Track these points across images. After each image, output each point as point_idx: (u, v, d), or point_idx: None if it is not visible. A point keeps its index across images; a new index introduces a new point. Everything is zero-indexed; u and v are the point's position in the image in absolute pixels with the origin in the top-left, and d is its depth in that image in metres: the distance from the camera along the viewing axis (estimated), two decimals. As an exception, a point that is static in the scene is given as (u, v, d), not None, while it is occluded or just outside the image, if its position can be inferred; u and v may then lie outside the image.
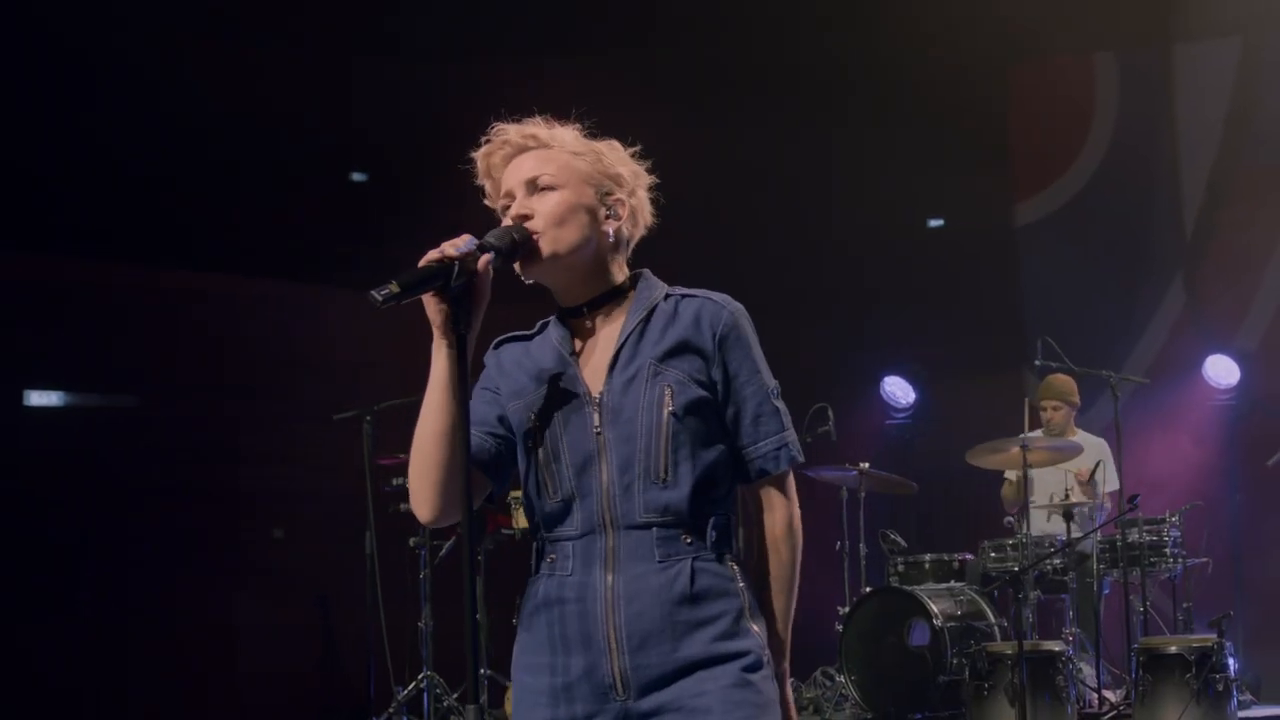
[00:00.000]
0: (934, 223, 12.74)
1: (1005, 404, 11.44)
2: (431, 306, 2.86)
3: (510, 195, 3.05)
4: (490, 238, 2.90)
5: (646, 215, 3.14)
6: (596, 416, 2.94)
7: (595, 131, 3.15)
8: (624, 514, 2.91)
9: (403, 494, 8.85)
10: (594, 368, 3.00)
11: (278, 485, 10.03)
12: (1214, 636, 7.56)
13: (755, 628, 2.95)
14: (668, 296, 3.05)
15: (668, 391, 2.93)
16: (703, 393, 2.97)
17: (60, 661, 9.13)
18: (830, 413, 9.54)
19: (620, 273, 3.09)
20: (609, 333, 3.03)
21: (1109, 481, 9.24)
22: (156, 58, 9.36)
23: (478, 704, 2.70)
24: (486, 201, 3.13)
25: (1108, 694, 8.52)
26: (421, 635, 8.78)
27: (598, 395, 2.96)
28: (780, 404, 3.05)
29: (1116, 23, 11.34)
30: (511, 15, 10.08)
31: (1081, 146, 11.86)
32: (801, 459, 3.07)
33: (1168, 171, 11.61)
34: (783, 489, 3.06)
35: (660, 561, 2.90)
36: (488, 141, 3.09)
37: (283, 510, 10.15)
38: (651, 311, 3.02)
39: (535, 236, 2.98)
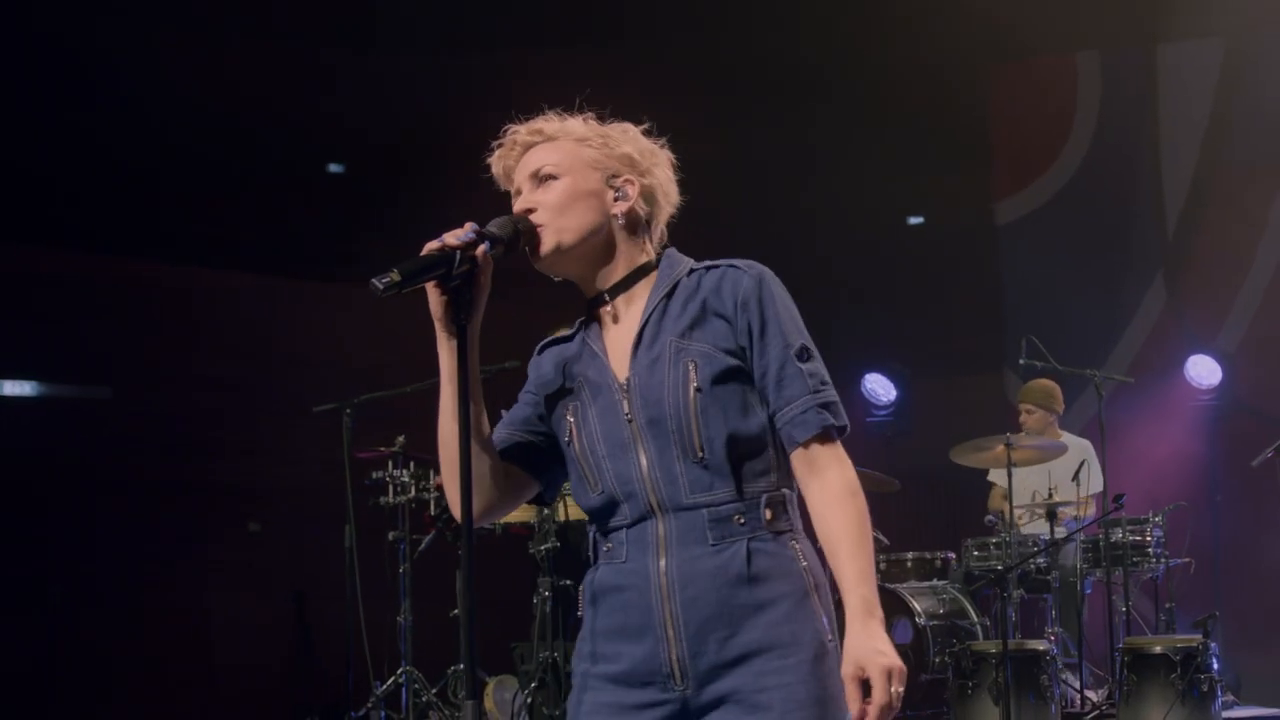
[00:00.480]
0: (914, 220, 12.73)
1: (986, 402, 11.47)
2: (433, 297, 2.82)
3: (520, 192, 3.02)
4: (491, 226, 2.86)
5: (669, 193, 3.08)
6: (626, 403, 2.90)
7: (606, 118, 3.10)
8: (670, 496, 2.85)
9: (382, 487, 8.82)
10: (619, 353, 2.95)
11: (253, 478, 9.97)
12: (1199, 637, 7.54)
13: (820, 610, 2.86)
14: (691, 271, 2.99)
15: (692, 366, 2.86)
16: (732, 360, 2.88)
17: (31, 656, 9.06)
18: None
19: (643, 254, 3.03)
20: (633, 315, 2.98)
21: (1093, 483, 9.21)
22: (137, 49, 9.28)
23: (477, 700, 2.65)
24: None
25: (1090, 694, 8.50)
26: (400, 630, 8.72)
27: (624, 381, 2.91)
28: (806, 364, 2.88)
29: (1099, 22, 11.35)
30: (494, 9, 10.01)
31: (1063, 145, 11.86)
32: (839, 422, 2.89)
33: (1149, 171, 11.62)
34: (826, 453, 2.87)
35: (714, 544, 2.83)
36: (498, 145, 3.06)
37: (259, 503, 10.08)
38: (674, 288, 2.96)
39: (539, 228, 2.93)
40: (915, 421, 11.76)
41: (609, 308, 3.00)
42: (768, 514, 2.85)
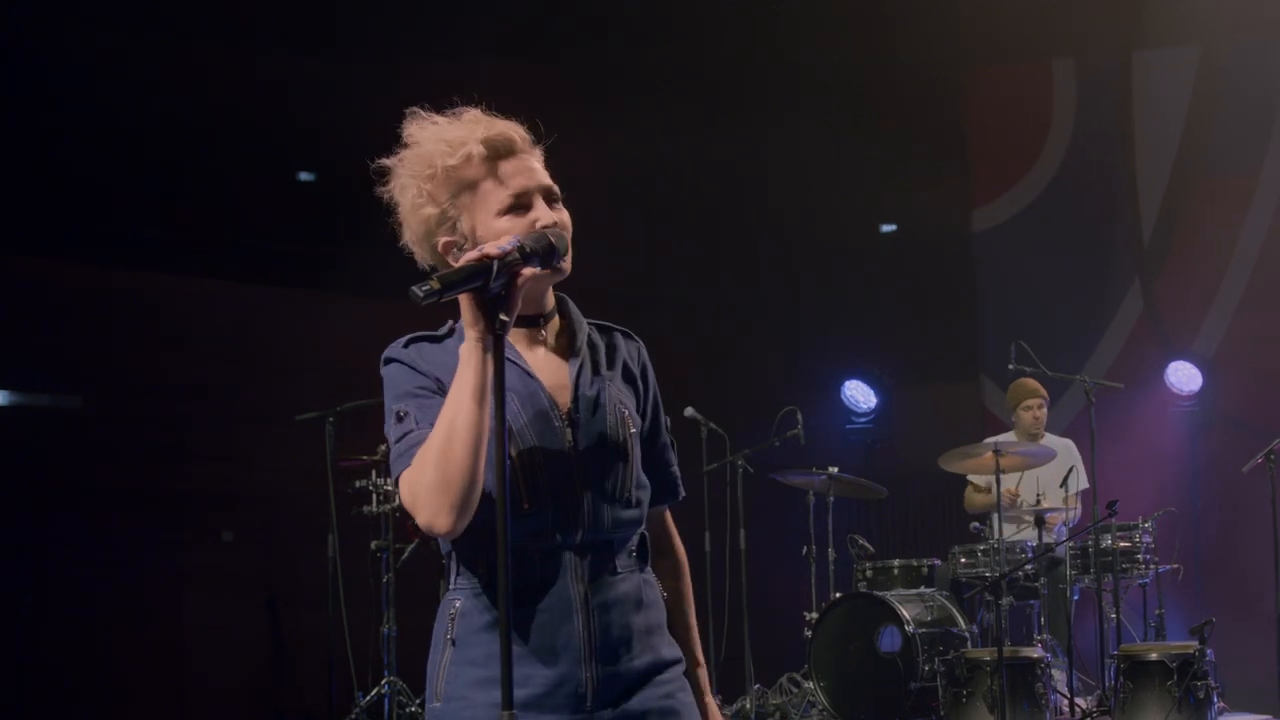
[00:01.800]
0: (887, 228, 12.74)
1: (964, 408, 11.48)
2: (469, 308, 2.73)
3: (526, 194, 2.90)
4: (528, 242, 2.77)
5: None
6: (569, 434, 2.89)
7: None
8: (592, 528, 2.88)
9: (364, 496, 8.73)
10: (554, 380, 2.94)
11: (229, 487, 9.85)
12: (1195, 644, 7.53)
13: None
14: (590, 323, 3.07)
15: (626, 413, 2.97)
16: (641, 421, 3.04)
17: (1, 665, 8.91)
18: (799, 416, 9.45)
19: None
20: (553, 351, 2.98)
21: (1079, 482, 9.24)
22: (107, 56, 9.19)
23: (510, 710, 2.59)
24: (422, 183, 2.93)
25: (1079, 700, 8.48)
26: (383, 640, 8.63)
27: (566, 412, 2.91)
28: (670, 438, 3.18)
29: (1075, 30, 11.37)
30: (451, 15, 9.95)
31: (1039, 153, 11.89)
32: (683, 494, 3.21)
33: (1125, 178, 11.66)
34: (670, 520, 3.22)
35: (619, 573, 2.93)
36: (453, 115, 2.97)
37: (236, 512, 9.97)
38: (589, 336, 3.02)
39: (567, 251, 2.89)
40: (895, 428, 11.76)
41: (541, 331, 2.98)
42: (643, 550, 3.02)
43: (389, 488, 8.74)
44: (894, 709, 8.62)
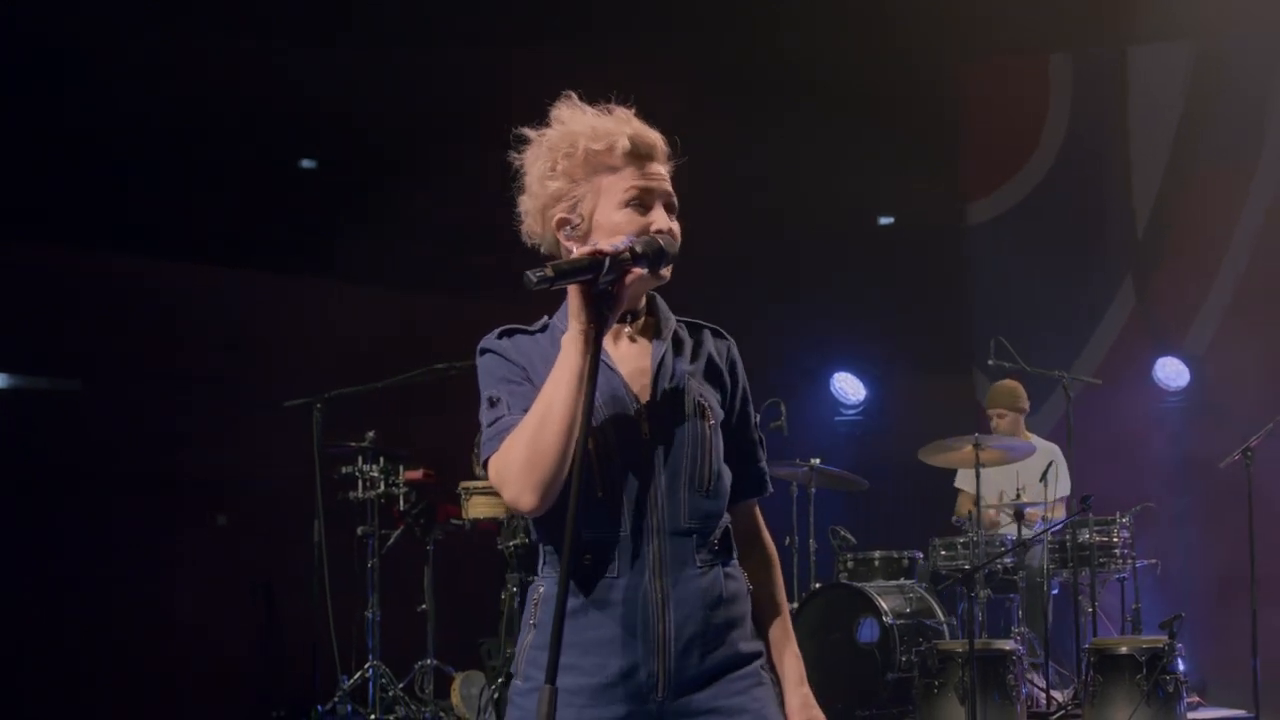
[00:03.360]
0: (884, 220, 12.76)
1: (955, 402, 11.51)
2: (577, 299, 2.83)
3: (650, 195, 3.01)
4: (639, 245, 2.88)
5: None
6: (646, 424, 2.96)
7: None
8: (670, 519, 2.93)
9: (351, 482, 8.82)
10: (634, 374, 3.00)
11: (222, 472, 9.92)
12: (1164, 638, 7.58)
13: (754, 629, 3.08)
14: (679, 321, 3.13)
15: (706, 405, 3.01)
16: (724, 415, 3.06)
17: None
18: (783, 408, 9.51)
19: None
20: (638, 347, 3.04)
21: (1060, 486, 9.26)
22: (105, 40, 9.23)
23: (552, 684, 2.69)
24: (560, 159, 3.01)
25: (1055, 694, 8.54)
26: (368, 624, 8.72)
27: (645, 403, 2.97)
28: (760, 435, 3.21)
29: (1070, 24, 11.36)
30: (467, 5, 9.99)
31: (1034, 147, 11.90)
32: (770, 490, 3.25)
33: (1119, 174, 11.66)
34: (759, 514, 3.23)
35: (699, 567, 2.95)
36: (605, 111, 3.07)
37: (227, 497, 10.05)
38: (675, 332, 3.08)
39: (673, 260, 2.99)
40: (884, 421, 11.80)
41: (628, 327, 3.06)
42: (728, 542, 3.05)
43: (374, 474, 8.84)
44: (871, 699, 8.68)
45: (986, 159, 12.19)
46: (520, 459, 2.85)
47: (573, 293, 2.83)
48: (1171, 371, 10.90)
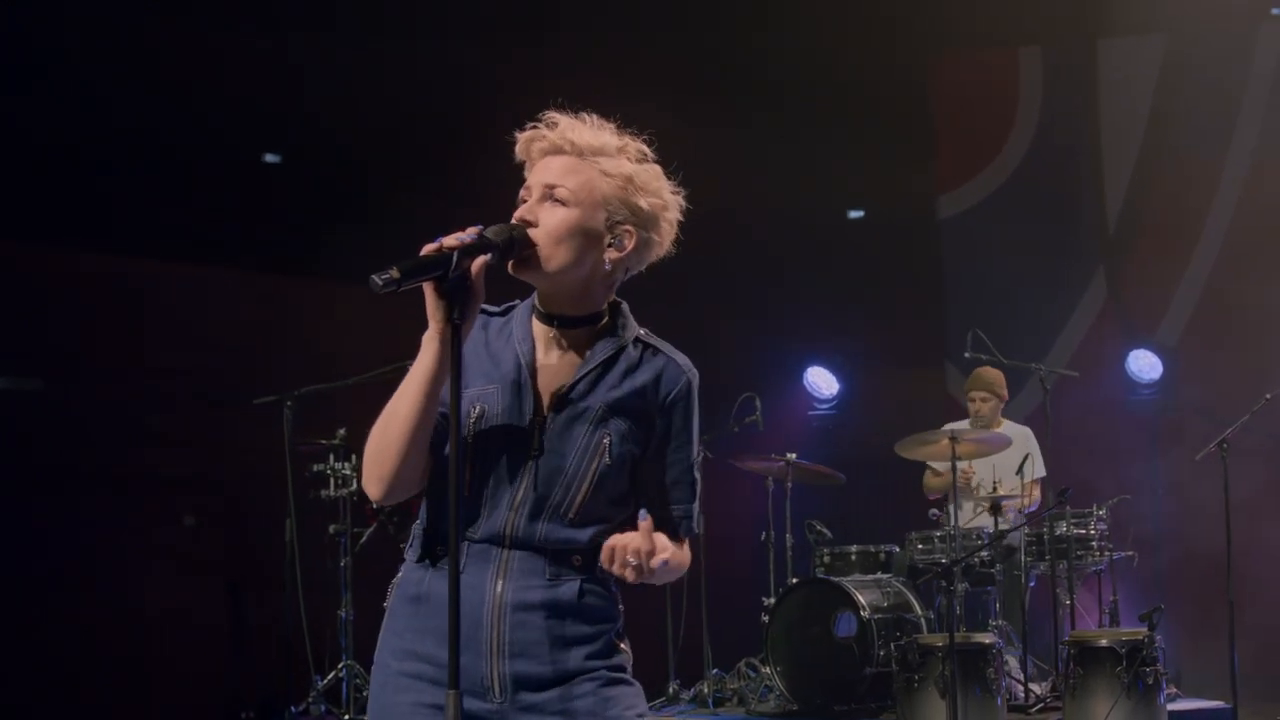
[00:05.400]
0: (854, 214, 12.74)
1: (928, 395, 11.50)
2: (430, 297, 2.82)
3: (530, 190, 2.99)
4: (489, 232, 2.85)
5: (660, 249, 3.10)
6: (537, 439, 2.95)
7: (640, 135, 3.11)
8: (524, 535, 2.93)
9: (323, 480, 8.74)
10: (547, 388, 2.99)
11: (190, 470, 9.83)
12: (1144, 630, 7.57)
13: (625, 648, 3.06)
14: (636, 341, 3.06)
15: (606, 441, 2.96)
16: (634, 450, 3.00)
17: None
18: (758, 402, 9.47)
19: (603, 300, 3.06)
20: (571, 358, 3.02)
21: (1036, 469, 9.27)
22: (74, 35, 9.14)
23: (456, 689, 2.64)
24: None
25: (1034, 686, 8.52)
26: (341, 624, 8.65)
27: (544, 419, 2.96)
28: (697, 475, 3.12)
29: (1041, 17, 11.38)
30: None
31: (1005, 140, 11.91)
32: (696, 534, 3.12)
33: (1091, 166, 11.70)
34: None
35: (548, 579, 2.94)
36: (533, 126, 3.03)
37: (195, 496, 9.95)
38: (619, 353, 3.02)
39: (533, 246, 2.93)
40: (858, 414, 11.78)
41: (553, 334, 3.03)
42: (590, 563, 2.98)
43: (346, 471, 8.76)
44: (850, 694, 8.65)
45: (958, 152, 12.21)
46: (369, 451, 2.93)
47: (425, 292, 2.81)
48: (1145, 364, 10.92)
